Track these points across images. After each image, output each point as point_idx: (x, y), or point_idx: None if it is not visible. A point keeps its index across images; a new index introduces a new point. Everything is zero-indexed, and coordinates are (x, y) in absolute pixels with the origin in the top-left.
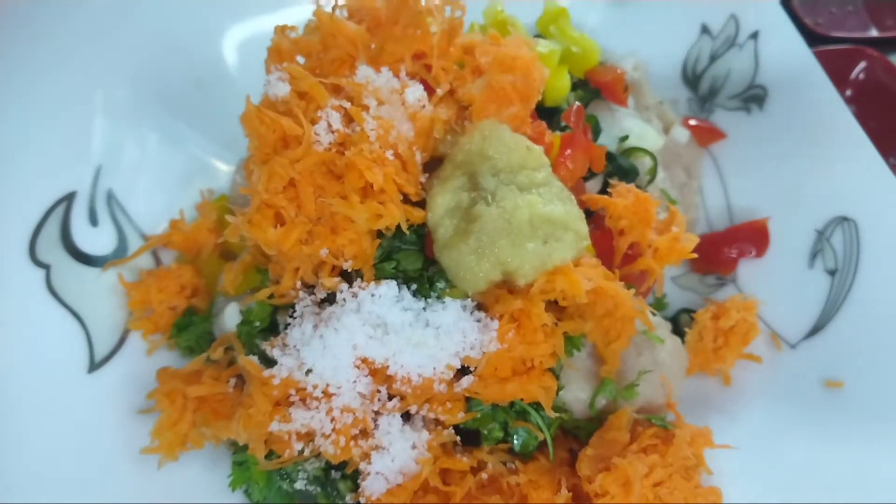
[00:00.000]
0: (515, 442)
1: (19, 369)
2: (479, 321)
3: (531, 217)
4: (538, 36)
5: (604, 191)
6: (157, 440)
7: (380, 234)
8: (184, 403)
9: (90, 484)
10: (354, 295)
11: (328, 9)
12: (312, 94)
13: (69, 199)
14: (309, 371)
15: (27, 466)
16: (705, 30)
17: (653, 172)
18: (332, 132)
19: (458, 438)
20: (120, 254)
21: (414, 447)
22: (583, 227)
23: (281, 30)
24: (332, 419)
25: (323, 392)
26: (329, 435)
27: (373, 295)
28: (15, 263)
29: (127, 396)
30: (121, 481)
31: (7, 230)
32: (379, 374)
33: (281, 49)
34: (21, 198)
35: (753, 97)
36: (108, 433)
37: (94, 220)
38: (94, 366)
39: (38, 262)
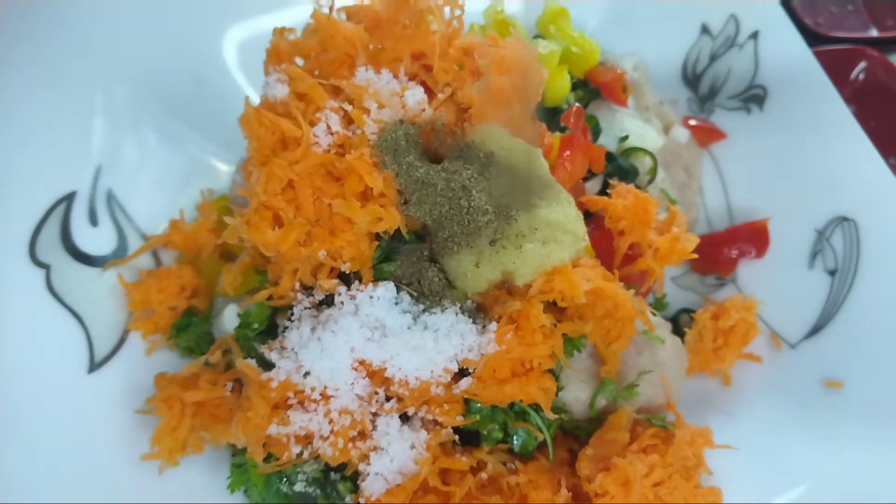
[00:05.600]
0: (515, 442)
1: (19, 369)
2: (477, 323)
3: (529, 219)
4: (538, 36)
5: (604, 191)
6: (156, 446)
7: (378, 235)
8: (182, 409)
9: (90, 484)
10: (352, 297)
11: (326, 10)
12: (311, 95)
13: (69, 199)
14: (307, 373)
15: (27, 467)
16: (705, 30)
17: (653, 172)
18: (332, 134)
19: (457, 438)
20: (120, 254)
21: (413, 447)
22: (581, 228)
23: (279, 31)
24: (331, 421)
25: (321, 394)
26: (327, 437)
27: (371, 297)
28: (15, 263)
29: (127, 397)
30: (121, 482)
31: (7, 230)
32: (377, 376)
33: (279, 50)
34: (21, 198)
35: (753, 97)
36: (108, 433)
37: (94, 220)
38: (94, 366)
39: (38, 262)
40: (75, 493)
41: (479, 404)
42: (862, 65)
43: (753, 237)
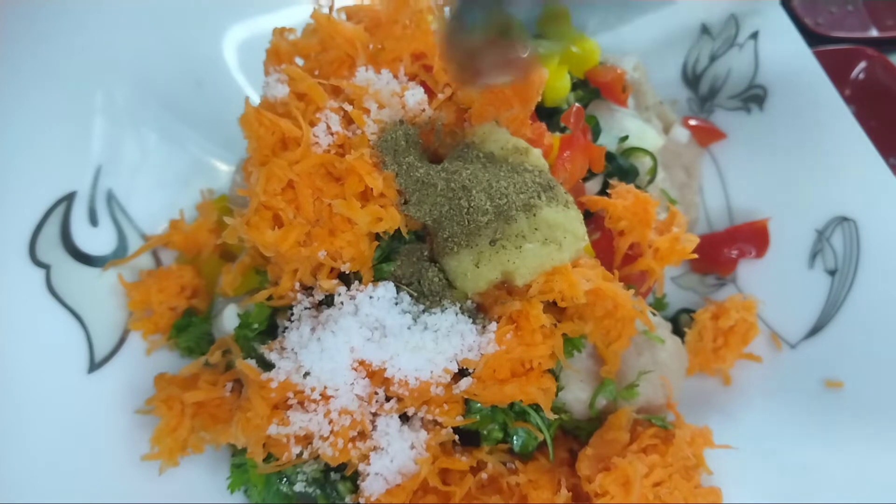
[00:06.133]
0: (515, 442)
1: (19, 369)
2: (477, 323)
3: (529, 219)
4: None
5: (604, 191)
6: (156, 447)
7: (378, 235)
8: (182, 409)
9: (90, 484)
10: (352, 297)
11: (326, 10)
12: (311, 95)
13: (69, 199)
14: (307, 374)
15: (27, 467)
16: (705, 30)
17: (653, 172)
18: (332, 134)
19: (457, 438)
20: (120, 254)
21: (412, 447)
22: (580, 228)
23: (279, 31)
24: (330, 421)
25: (321, 395)
26: (327, 437)
27: (371, 297)
28: (15, 263)
29: (127, 397)
30: (121, 482)
31: (7, 230)
32: (377, 377)
33: (279, 51)
34: (21, 198)
35: (753, 97)
36: (107, 434)
37: (94, 220)
38: (94, 366)
39: (38, 262)
40: (75, 493)
41: (479, 404)
42: (862, 65)
43: (753, 237)
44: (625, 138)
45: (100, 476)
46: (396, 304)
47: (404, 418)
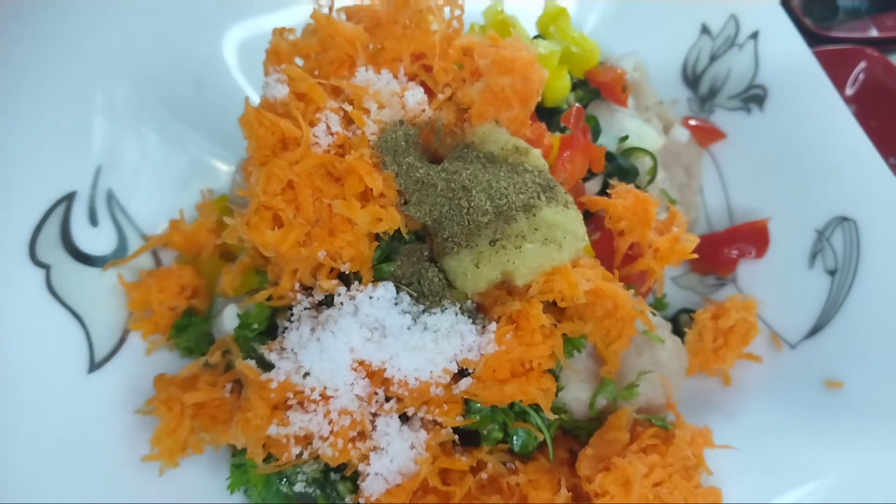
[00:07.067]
0: (515, 442)
1: (19, 369)
2: (477, 323)
3: (529, 219)
4: (538, 36)
5: (604, 191)
6: (156, 447)
7: (378, 235)
8: (182, 410)
9: (90, 484)
10: (352, 297)
11: (326, 10)
12: (311, 95)
13: (69, 199)
14: (306, 374)
15: (27, 467)
16: (705, 30)
17: (653, 172)
18: (332, 134)
19: (457, 438)
20: (120, 254)
21: (412, 447)
22: (580, 228)
23: (279, 31)
24: (330, 422)
25: (320, 395)
26: (327, 437)
27: (370, 297)
28: (15, 263)
29: (127, 397)
30: (121, 481)
31: (7, 230)
32: (376, 377)
33: (279, 51)
34: (21, 198)
35: (753, 97)
36: (107, 433)
37: (94, 220)
38: (94, 366)
39: (38, 262)
40: (75, 492)
41: (479, 404)
42: (862, 65)
43: (753, 237)
44: (625, 138)
45: (100, 476)
46: (396, 304)
47: (404, 418)
